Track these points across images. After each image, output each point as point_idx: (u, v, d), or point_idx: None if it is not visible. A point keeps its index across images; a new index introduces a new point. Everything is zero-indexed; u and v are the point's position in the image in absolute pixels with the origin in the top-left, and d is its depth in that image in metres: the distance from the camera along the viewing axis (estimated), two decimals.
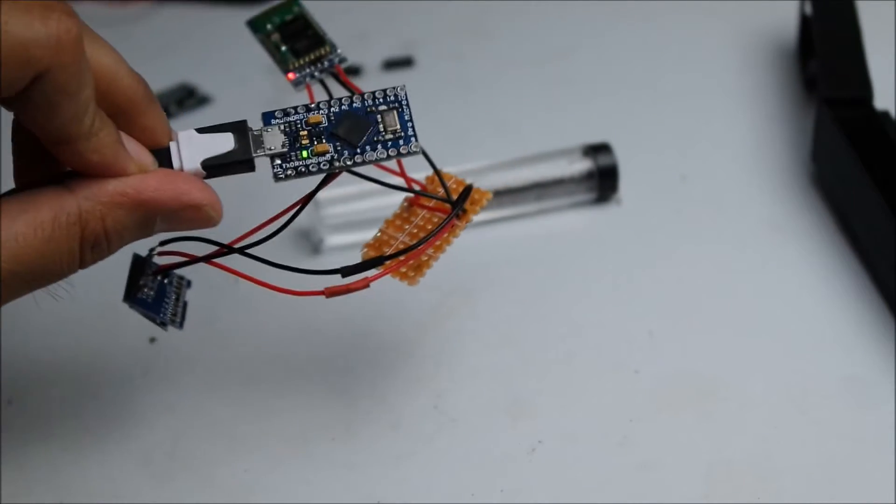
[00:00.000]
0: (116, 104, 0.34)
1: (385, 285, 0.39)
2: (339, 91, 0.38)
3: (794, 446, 0.42)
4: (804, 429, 0.42)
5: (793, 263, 0.51)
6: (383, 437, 0.43)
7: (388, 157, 0.36)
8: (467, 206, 0.40)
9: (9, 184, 0.34)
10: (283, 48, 0.39)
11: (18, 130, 0.35)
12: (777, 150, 0.59)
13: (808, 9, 0.62)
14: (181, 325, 0.39)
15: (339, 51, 0.38)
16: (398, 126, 0.36)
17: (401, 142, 0.36)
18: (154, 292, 0.38)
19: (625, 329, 0.48)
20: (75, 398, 0.45)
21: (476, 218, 0.54)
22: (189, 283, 0.40)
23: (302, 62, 0.38)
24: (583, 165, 0.55)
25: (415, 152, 0.36)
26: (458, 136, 0.63)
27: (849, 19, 0.58)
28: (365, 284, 0.36)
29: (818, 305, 0.48)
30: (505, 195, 0.54)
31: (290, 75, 0.38)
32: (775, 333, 0.47)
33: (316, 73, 0.38)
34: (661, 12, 0.74)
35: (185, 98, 0.68)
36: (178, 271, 0.39)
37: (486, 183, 0.54)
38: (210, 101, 0.67)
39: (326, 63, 0.38)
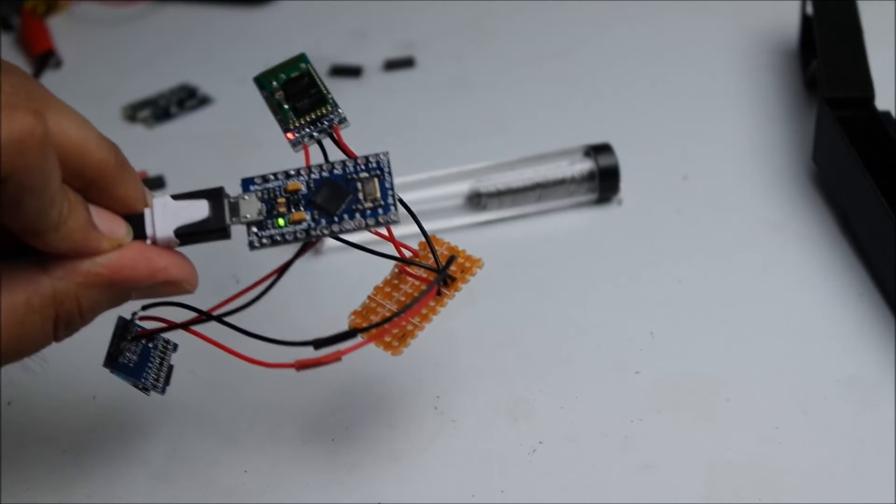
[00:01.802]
0: (87, 178, 0.33)
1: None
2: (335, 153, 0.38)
3: (795, 446, 0.42)
4: (805, 429, 0.42)
5: (793, 263, 0.51)
6: (383, 437, 0.43)
7: (366, 227, 0.35)
8: (457, 274, 0.39)
9: None
10: (286, 106, 0.38)
11: None
12: (778, 150, 0.59)
13: (810, 9, 0.62)
14: (163, 391, 0.39)
15: (340, 110, 0.38)
16: (378, 194, 0.35)
17: (380, 210, 0.35)
18: (136, 356, 0.38)
19: (626, 329, 0.48)
20: (75, 399, 0.45)
21: (477, 218, 0.54)
22: (175, 347, 0.39)
23: (302, 122, 0.38)
24: (584, 166, 0.55)
25: (393, 222, 0.35)
26: (458, 136, 0.63)
27: (850, 19, 0.58)
28: (336, 358, 0.35)
29: (818, 305, 0.48)
30: (506, 195, 0.54)
31: (289, 135, 0.38)
32: (776, 333, 0.47)
33: (315, 134, 0.38)
34: (661, 12, 0.74)
35: (186, 98, 0.68)
36: (165, 335, 0.38)
37: (486, 183, 0.54)
38: (211, 102, 0.67)
39: (326, 123, 0.38)
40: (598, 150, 0.55)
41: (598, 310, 0.49)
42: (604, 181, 0.55)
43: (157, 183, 0.59)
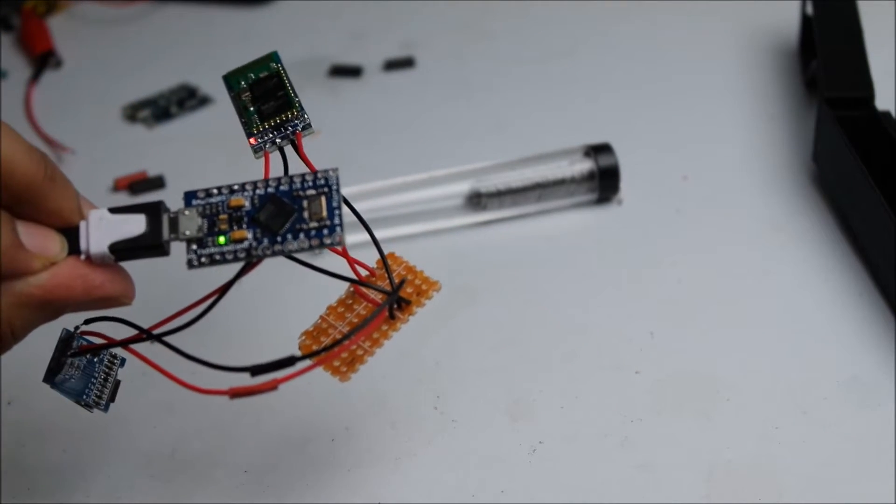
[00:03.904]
0: (14, 193, 0.31)
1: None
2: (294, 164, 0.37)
3: (795, 446, 0.42)
4: (805, 429, 0.42)
5: (793, 263, 0.51)
6: (383, 437, 0.43)
7: (310, 248, 0.33)
8: (412, 297, 0.37)
9: None
10: (251, 109, 0.37)
11: None
12: (778, 150, 0.59)
13: (810, 9, 0.62)
14: (107, 408, 0.37)
15: (305, 115, 0.37)
16: (324, 213, 0.33)
17: (325, 231, 0.33)
18: (80, 371, 0.36)
19: (626, 329, 0.48)
20: None
21: (477, 218, 0.54)
22: (122, 362, 0.38)
23: (266, 126, 0.36)
24: (584, 166, 0.55)
25: (337, 244, 0.33)
26: (458, 136, 0.63)
27: (850, 19, 0.59)
28: (273, 386, 0.34)
29: (818, 305, 0.48)
30: (506, 196, 0.54)
31: (252, 140, 0.36)
32: (776, 334, 0.47)
33: (277, 140, 0.36)
34: (661, 12, 0.74)
35: (186, 98, 0.68)
36: (111, 350, 0.37)
37: (486, 183, 0.54)
38: (211, 102, 0.68)
39: (290, 129, 0.36)
40: (598, 150, 0.55)
41: (598, 310, 0.49)
42: (604, 181, 0.55)
43: (157, 183, 0.59)
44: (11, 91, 0.70)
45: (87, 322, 0.37)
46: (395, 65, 0.70)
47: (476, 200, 0.54)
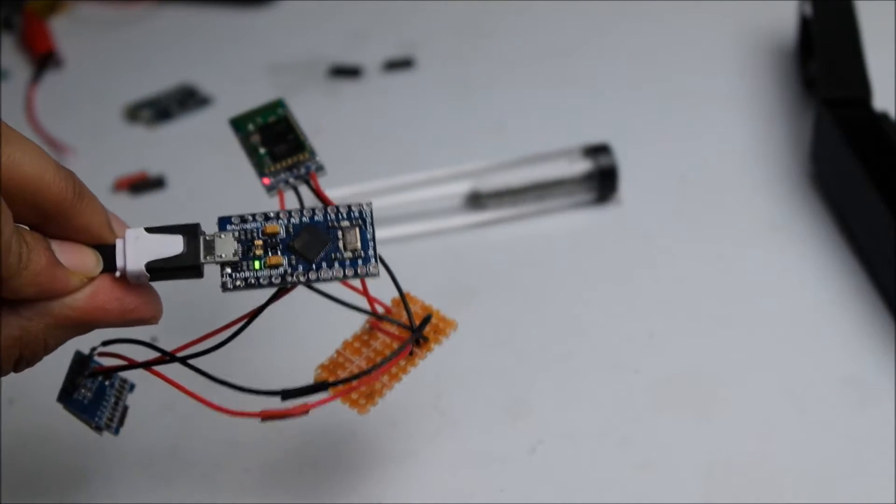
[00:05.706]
0: (45, 212, 0.32)
1: (386, 288, 0.38)
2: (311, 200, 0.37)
3: (794, 446, 0.42)
4: (804, 429, 0.42)
5: (792, 263, 0.51)
6: (384, 437, 0.43)
7: (345, 277, 0.34)
8: (430, 334, 0.38)
9: None
10: (262, 151, 0.38)
11: None
12: (776, 150, 0.59)
13: (808, 9, 0.62)
14: (117, 431, 0.37)
15: (318, 158, 0.37)
16: (358, 244, 0.34)
17: (359, 262, 0.34)
18: (92, 393, 0.37)
19: (625, 329, 0.48)
20: None
21: (477, 218, 0.55)
22: (132, 388, 0.38)
23: (278, 167, 0.37)
24: (583, 166, 0.55)
25: (373, 274, 0.34)
26: (458, 136, 0.63)
27: (848, 20, 0.59)
28: (304, 411, 0.34)
29: (818, 305, 0.48)
30: (505, 196, 0.54)
31: (265, 180, 0.37)
32: (775, 333, 0.47)
33: (290, 180, 0.37)
34: (661, 12, 0.74)
35: (186, 98, 0.68)
36: (122, 374, 0.37)
37: (486, 183, 0.54)
38: (211, 102, 0.68)
39: (303, 169, 0.37)
40: (597, 151, 0.55)
41: (598, 309, 0.49)
42: (602, 181, 0.55)
43: (157, 183, 0.59)
44: (12, 91, 0.70)
45: (104, 343, 0.36)
46: (394, 65, 0.70)
47: (476, 200, 0.54)
